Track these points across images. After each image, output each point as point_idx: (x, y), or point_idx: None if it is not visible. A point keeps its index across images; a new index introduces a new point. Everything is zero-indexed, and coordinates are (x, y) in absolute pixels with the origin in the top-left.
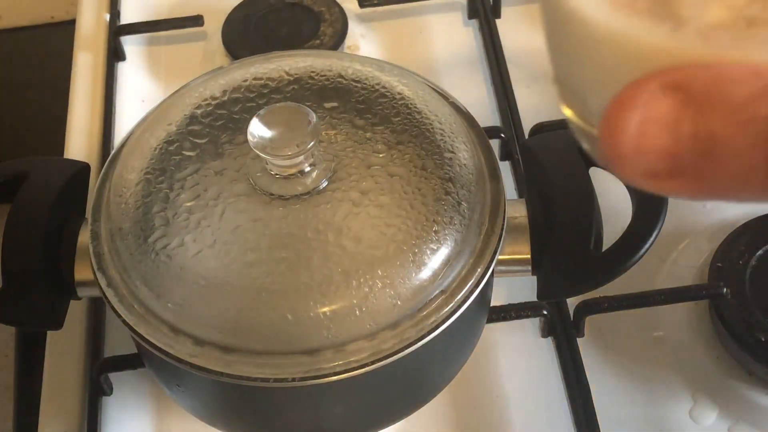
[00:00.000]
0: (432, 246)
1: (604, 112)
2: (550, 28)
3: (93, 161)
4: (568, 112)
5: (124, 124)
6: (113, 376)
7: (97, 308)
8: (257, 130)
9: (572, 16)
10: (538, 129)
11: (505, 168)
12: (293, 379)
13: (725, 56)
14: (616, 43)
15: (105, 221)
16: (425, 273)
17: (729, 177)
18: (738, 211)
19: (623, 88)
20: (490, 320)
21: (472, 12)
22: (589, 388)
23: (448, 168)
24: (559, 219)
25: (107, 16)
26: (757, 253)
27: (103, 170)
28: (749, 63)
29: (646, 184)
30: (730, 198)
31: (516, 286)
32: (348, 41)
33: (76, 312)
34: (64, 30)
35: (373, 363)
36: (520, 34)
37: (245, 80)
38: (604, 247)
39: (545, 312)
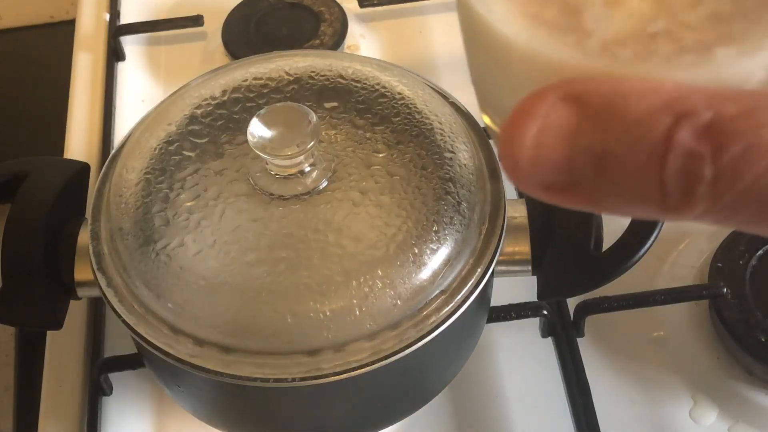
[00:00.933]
0: (432, 246)
1: (504, 122)
2: (464, 36)
3: (93, 161)
4: (486, 119)
5: (124, 124)
6: (113, 376)
7: (97, 308)
8: (257, 130)
9: (483, 26)
10: None
11: None
12: (293, 379)
13: (626, 71)
14: (523, 54)
15: (105, 221)
16: (425, 273)
17: (622, 193)
18: None
19: (523, 99)
20: (490, 320)
21: None
22: (589, 388)
23: (448, 168)
24: (559, 219)
25: (107, 16)
26: (757, 253)
27: (103, 170)
28: (649, 79)
29: (541, 195)
30: (624, 213)
31: (516, 286)
32: (348, 41)
33: (76, 312)
34: (64, 30)
35: (373, 363)
36: None
37: (245, 80)
38: (604, 247)
39: (545, 312)
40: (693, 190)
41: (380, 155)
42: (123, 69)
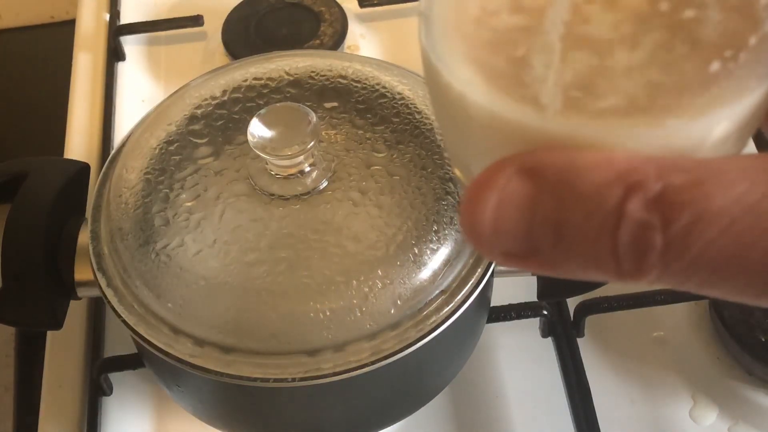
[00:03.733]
0: (432, 246)
1: (465, 192)
2: (432, 96)
3: (93, 161)
4: (457, 173)
5: (124, 124)
6: (113, 376)
7: (97, 308)
8: (257, 130)
9: (448, 88)
10: None
11: None
12: (293, 379)
13: (582, 138)
14: (484, 120)
15: (105, 221)
16: (425, 273)
17: (579, 261)
18: None
19: (483, 171)
20: (490, 320)
21: None
22: (589, 388)
23: (448, 168)
24: None
25: (107, 16)
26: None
27: (103, 170)
28: (603, 147)
29: (502, 262)
30: (583, 278)
31: (516, 286)
32: (348, 41)
33: (76, 312)
34: (64, 30)
35: (373, 363)
36: None
37: (245, 80)
38: None
39: (545, 312)
40: (645, 259)
41: (380, 155)
42: (123, 69)
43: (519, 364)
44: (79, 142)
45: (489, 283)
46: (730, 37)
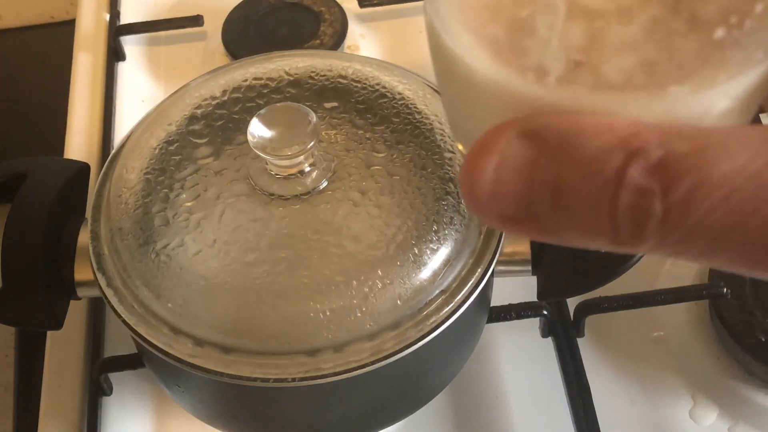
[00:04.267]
0: (432, 246)
1: (465, 156)
2: (434, 66)
3: (93, 161)
4: (460, 147)
5: (124, 124)
6: (113, 376)
7: (97, 308)
8: (257, 130)
9: (449, 57)
10: None
11: None
12: (293, 379)
13: (583, 104)
14: (486, 86)
15: (105, 221)
16: (425, 273)
17: (577, 227)
18: None
19: (484, 134)
20: (490, 320)
21: None
22: (589, 388)
23: (448, 168)
24: None
25: (107, 16)
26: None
27: (103, 170)
28: (605, 114)
29: (500, 226)
30: (580, 245)
31: (516, 286)
32: (348, 41)
33: (76, 312)
34: (64, 30)
35: (373, 363)
36: None
37: (245, 80)
38: None
39: (545, 312)
40: (643, 226)
41: (380, 155)
42: (123, 69)
43: (519, 364)
44: (79, 142)
45: (489, 283)
46: (736, 4)
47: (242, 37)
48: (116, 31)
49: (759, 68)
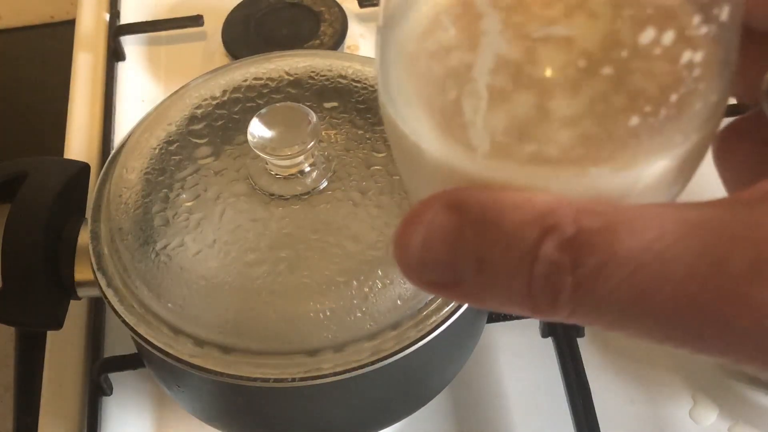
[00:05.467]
0: None
1: (399, 224)
2: (387, 134)
3: (93, 161)
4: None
5: (124, 124)
6: (113, 376)
7: (97, 308)
8: (257, 130)
9: (391, 120)
10: None
11: None
12: (293, 379)
13: (511, 181)
14: (424, 158)
15: (105, 221)
16: None
17: (498, 295)
18: None
19: (414, 206)
20: (490, 320)
21: None
22: (589, 388)
23: None
24: None
25: (107, 16)
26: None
27: (103, 170)
28: (530, 191)
29: (430, 291)
30: (504, 311)
31: None
32: (348, 41)
33: (76, 312)
34: (64, 30)
35: (373, 363)
36: None
37: (245, 80)
38: None
39: None
40: (556, 297)
41: (380, 155)
42: (123, 69)
43: (519, 364)
44: (79, 142)
45: None
46: (651, 93)
47: (242, 37)
48: (116, 31)
49: (682, 148)
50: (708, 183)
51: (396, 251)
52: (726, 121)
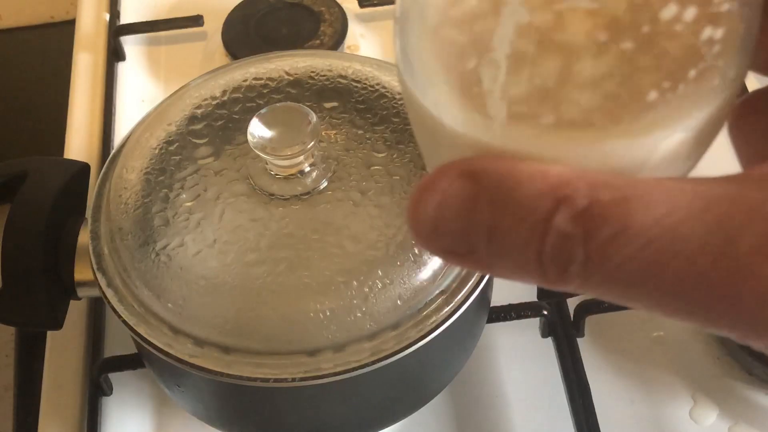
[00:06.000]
0: None
1: (412, 191)
2: (406, 106)
3: (93, 161)
4: None
5: (124, 124)
6: (113, 376)
7: (97, 308)
8: (257, 130)
9: (409, 89)
10: None
11: None
12: (293, 379)
13: (526, 152)
14: (438, 128)
15: (105, 221)
16: (425, 273)
17: (510, 265)
18: None
19: (428, 174)
20: (490, 320)
21: None
22: (589, 388)
23: None
24: None
25: (107, 16)
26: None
27: (103, 170)
28: (545, 161)
29: (443, 258)
30: (515, 280)
31: (516, 286)
32: (348, 41)
33: (76, 312)
34: (64, 30)
35: (373, 363)
36: None
37: (245, 80)
38: None
39: (545, 312)
40: (566, 268)
41: (380, 155)
42: (123, 69)
43: (519, 364)
44: (79, 142)
45: (489, 283)
46: (671, 67)
47: (242, 37)
48: (116, 31)
49: (697, 120)
50: (722, 160)
51: (409, 217)
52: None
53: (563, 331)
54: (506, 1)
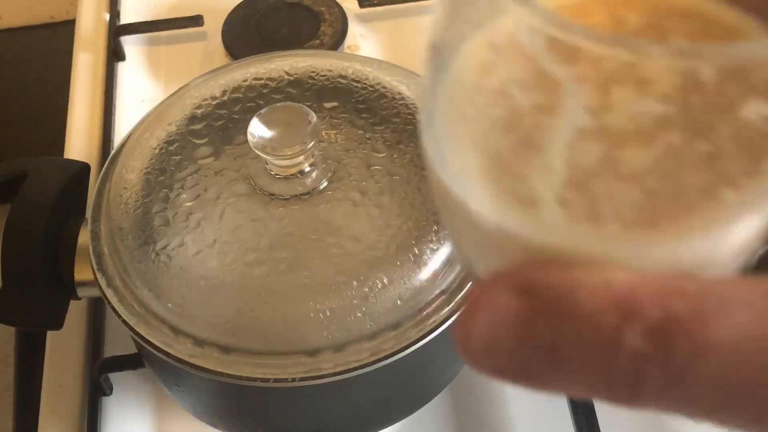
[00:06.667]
0: (432, 246)
1: (462, 308)
2: (434, 192)
3: (93, 161)
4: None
5: (124, 124)
6: (113, 376)
7: (97, 308)
8: (257, 130)
9: (446, 190)
10: None
11: None
12: (293, 379)
13: (578, 250)
14: (477, 224)
15: (105, 221)
16: (425, 273)
17: (574, 385)
18: None
19: (475, 288)
20: None
21: None
22: None
23: None
24: None
25: (107, 16)
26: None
27: (103, 170)
28: (601, 269)
29: (495, 378)
30: (581, 399)
31: None
32: (348, 41)
33: (76, 312)
34: (64, 30)
35: (373, 363)
36: None
37: (245, 80)
38: None
39: None
40: (641, 390)
41: (380, 155)
42: (123, 69)
43: None
44: (79, 142)
45: None
46: (744, 161)
47: (242, 37)
48: (116, 31)
49: (764, 214)
50: None
51: (459, 336)
52: None
53: None
54: (565, 103)
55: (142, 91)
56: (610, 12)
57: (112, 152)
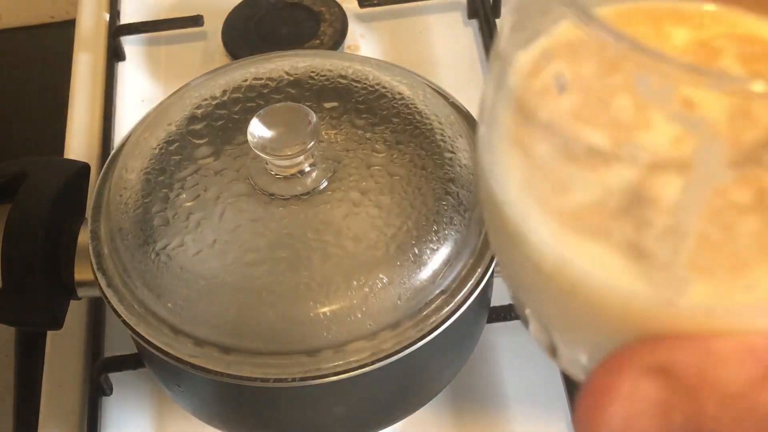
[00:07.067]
0: (432, 246)
1: (578, 405)
2: (496, 238)
3: (93, 161)
4: (523, 315)
5: (124, 124)
6: (113, 376)
7: (97, 308)
8: (257, 130)
9: (514, 233)
10: None
11: None
12: (293, 379)
13: (714, 322)
14: (567, 279)
15: (105, 221)
16: (425, 273)
17: None
18: None
19: (597, 375)
20: (490, 320)
21: (472, 12)
22: None
23: (449, 168)
24: None
25: (107, 16)
26: None
27: (103, 170)
28: (741, 335)
29: None
30: None
31: None
32: (348, 41)
33: (76, 312)
34: (64, 30)
35: (373, 363)
36: None
37: (245, 80)
38: None
39: None
40: None
41: (380, 155)
42: (123, 69)
43: (519, 364)
44: (79, 142)
45: (489, 283)
46: None
47: (242, 37)
48: (116, 31)
49: None
50: None
51: (587, 427)
52: None
53: None
54: (695, 156)
55: (142, 91)
56: (656, 25)
57: (112, 152)
